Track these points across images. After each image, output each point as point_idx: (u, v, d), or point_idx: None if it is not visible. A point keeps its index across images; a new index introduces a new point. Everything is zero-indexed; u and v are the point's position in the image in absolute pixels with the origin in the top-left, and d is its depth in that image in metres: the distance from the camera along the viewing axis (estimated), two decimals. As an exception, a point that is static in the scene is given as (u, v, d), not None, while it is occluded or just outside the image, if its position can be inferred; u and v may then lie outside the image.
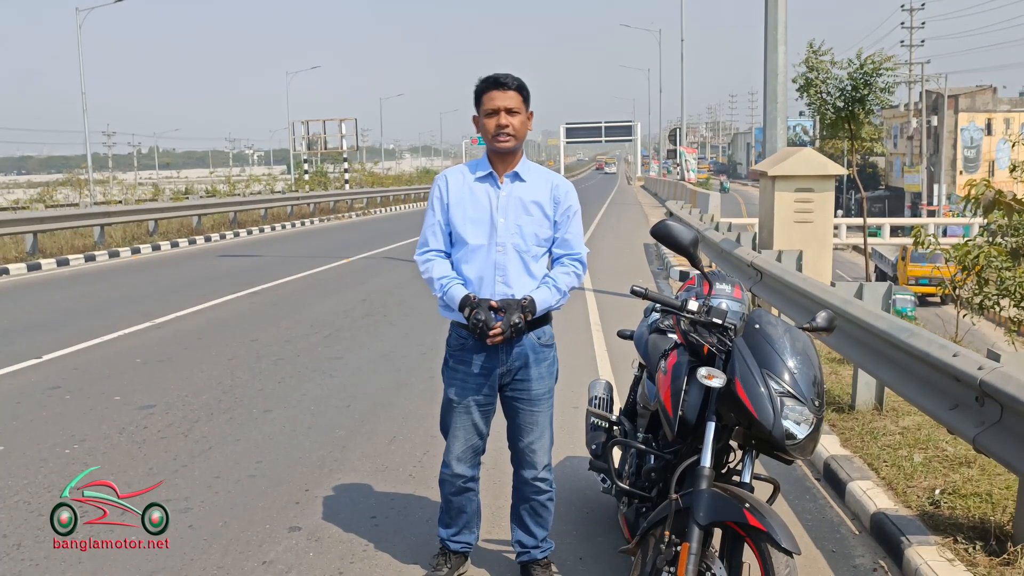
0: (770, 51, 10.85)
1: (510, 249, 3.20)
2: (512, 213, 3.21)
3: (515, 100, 3.14)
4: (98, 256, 16.60)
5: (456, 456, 3.36)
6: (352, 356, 7.64)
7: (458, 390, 3.31)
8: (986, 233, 9.39)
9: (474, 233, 3.21)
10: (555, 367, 3.41)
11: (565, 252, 3.31)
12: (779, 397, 2.69)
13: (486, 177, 3.25)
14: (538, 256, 3.26)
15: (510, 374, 3.29)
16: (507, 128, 3.14)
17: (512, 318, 3.10)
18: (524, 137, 3.22)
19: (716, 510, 2.66)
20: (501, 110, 3.13)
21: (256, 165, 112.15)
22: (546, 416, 3.37)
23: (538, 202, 3.23)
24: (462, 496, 3.42)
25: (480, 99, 3.18)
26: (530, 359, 3.28)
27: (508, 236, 3.20)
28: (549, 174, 3.33)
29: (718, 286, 3.16)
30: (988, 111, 48.72)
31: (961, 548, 3.57)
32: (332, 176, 45.72)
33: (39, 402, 6.17)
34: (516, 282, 3.20)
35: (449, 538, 3.51)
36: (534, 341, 3.28)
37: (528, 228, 3.21)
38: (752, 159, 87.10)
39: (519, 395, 3.32)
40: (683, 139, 50.69)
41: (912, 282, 26.70)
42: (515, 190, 3.23)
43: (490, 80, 3.16)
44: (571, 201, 3.29)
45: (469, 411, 3.32)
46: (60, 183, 34.57)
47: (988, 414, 3.57)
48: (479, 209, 3.22)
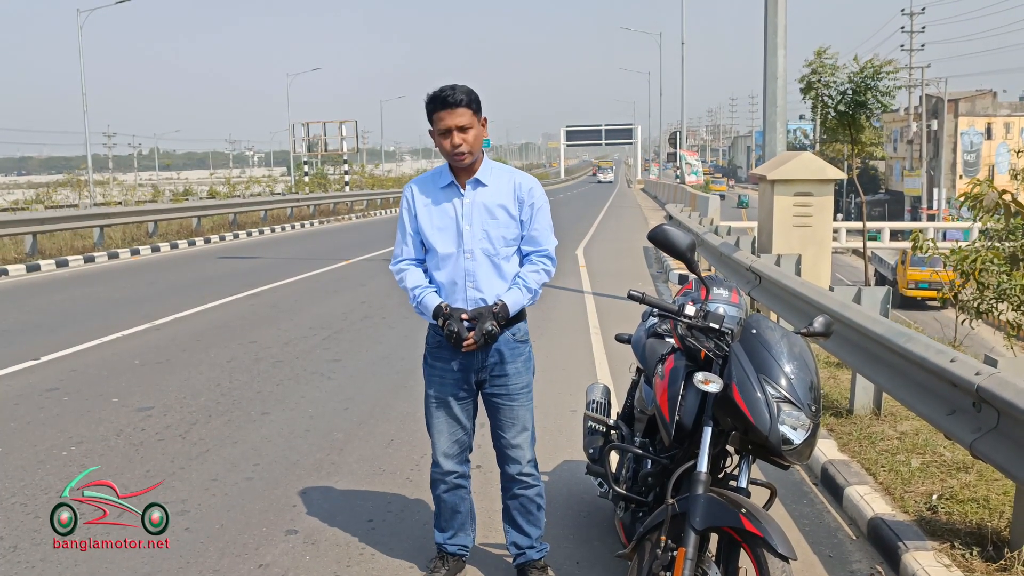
0: (770, 55, 10.84)
1: (479, 254, 3.26)
2: (477, 219, 3.26)
3: (465, 116, 3.16)
4: (97, 257, 16.59)
5: (443, 452, 3.41)
6: (351, 358, 7.64)
7: (437, 387, 3.39)
8: (984, 237, 9.39)
9: (442, 241, 3.28)
10: (531, 362, 3.45)
11: (533, 249, 3.35)
12: (776, 402, 2.69)
13: (449, 186, 3.30)
14: (508, 256, 3.31)
15: (487, 370, 3.34)
16: (461, 147, 3.18)
17: (485, 326, 3.18)
18: (480, 146, 3.25)
19: (712, 515, 2.65)
20: (453, 129, 3.16)
21: (256, 167, 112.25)
22: (526, 411, 3.42)
23: (502, 205, 3.28)
24: (454, 494, 3.46)
25: (431, 118, 3.20)
26: (506, 355, 3.33)
27: (475, 242, 3.26)
28: (511, 173, 3.36)
29: (715, 291, 3.16)
30: (988, 115, 48.71)
31: (958, 554, 3.57)
32: (332, 178, 45.72)
33: (37, 404, 6.17)
34: (487, 286, 3.27)
35: (445, 542, 3.53)
36: (508, 338, 3.33)
37: (495, 232, 3.27)
38: (752, 162, 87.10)
39: (498, 391, 3.37)
40: (683, 142, 50.72)
41: (912, 286, 26.65)
42: (478, 196, 3.28)
43: (438, 100, 3.15)
44: (535, 197, 3.33)
45: (449, 406, 3.38)
46: (60, 184, 34.53)
47: (985, 420, 3.56)
48: (445, 218, 3.29)
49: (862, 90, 14.11)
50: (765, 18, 10.90)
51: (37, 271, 14.90)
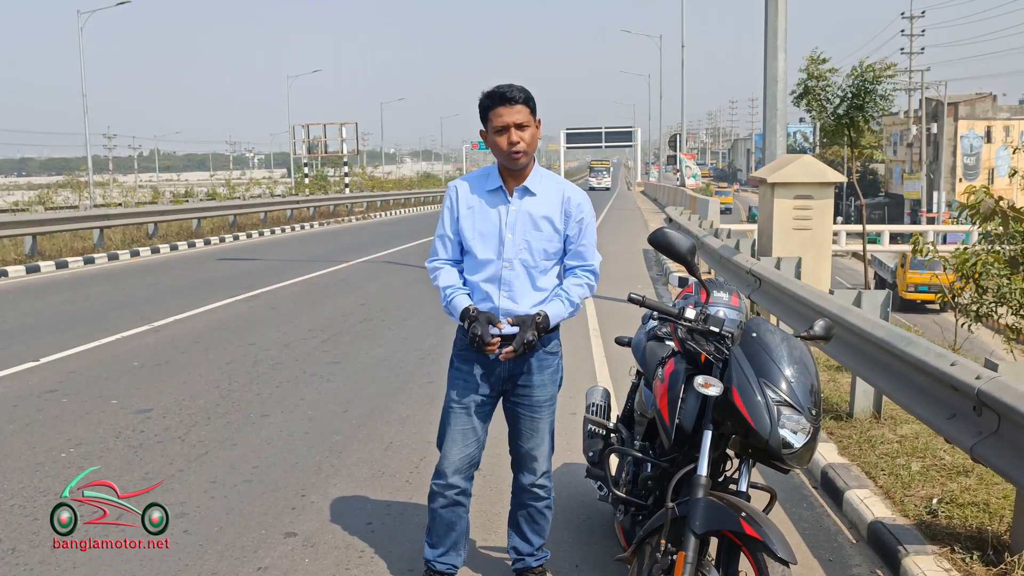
0: (770, 58, 10.86)
1: (517, 264, 3.17)
2: (520, 229, 3.17)
3: (523, 114, 3.07)
4: (97, 259, 16.59)
5: (451, 463, 3.29)
6: (350, 360, 7.63)
7: (460, 390, 3.29)
8: (984, 241, 9.39)
9: (482, 247, 3.18)
10: (559, 374, 3.39)
11: (578, 263, 3.27)
12: (776, 406, 2.68)
13: (496, 191, 3.20)
14: (546, 270, 3.23)
15: (512, 379, 3.27)
16: (519, 145, 3.08)
17: (527, 335, 3.08)
18: (535, 149, 3.16)
19: (712, 519, 2.65)
20: (511, 126, 3.06)
21: (256, 168, 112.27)
22: (547, 423, 3.36)
23: (548, 217, 3.18)
24: (452, 511, 3.34)
25: (487, 115, 3.11)
26: (534, 365, 3.27)
27: (515, 252, 3.16)
28: (561, 185, 3.25)
29: (715, 294, 3.16)
30: (988, 119, 48.75)
31: (958, 558, 3.56)
32: (332, 180, 45.72)
33: (36, 405, 6.16)
34: (521, 297, 3.18)
35: (435, 559, 3.40)
36: (539, 349, 3.26)
37: (537, 244, 3.18)
38: (752, 165, 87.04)
39: (521, 400, 3.30)
40: (683, 145, 50.70)
41: (911, 289, 26.67)
42: (524, 205, 3.18)
43: (496, 96, 3.07)
44: (584, 213, 3.24)
45: (469, 411, 3.28)
46: (60, 185, 34.55)
47: (986, 424, 3.56)
48: (488, 223, 3.18)
49: (861, 94, 14.12)
50: (765, 22, 10.91)
51: (37, 272, 14.89)
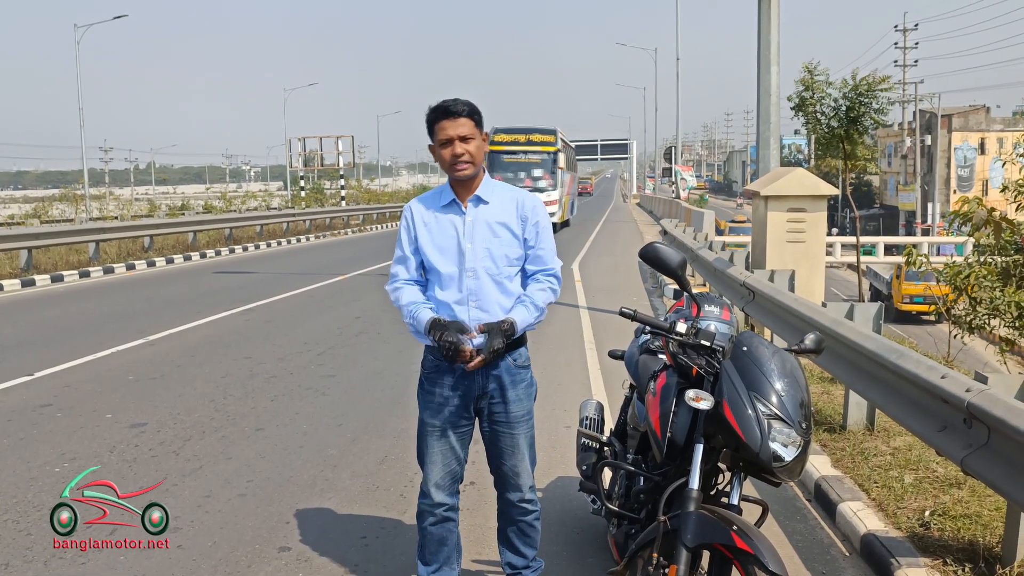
0: (763, 71, 10.92)
1: (481, 273, 3.19)
2: (480, 237, 3.20)
3: (467, 126, 3.13)
4: (93, 272, 16.57)
5: (435, 483, 3.28)
6: (345, 374, 7.63)
7: (433, 413, 3.27)
8: (977, 253, 9.44)
9: (443, 261, 3.20)
10: (533, 388, 3.37)
11: (539, 268, 3.29)
12: (766, 419, 2.70)
13: (450, 205, 3.24)
14: (511, 276, 3.25)
15: (486, 398, 3.26)
16: (463, 156, 3.13)
17: (495, 342, 3.08)
18: (481, 160, 3.21)
19: (704, 532, 2.66)
20: (455, 139, 3.12)
21: (253, 181, 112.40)
22: (526, 438, 3.34)
23: (504, 223, 3.22)
24: (442, 527, 3.33)
25: (432, 129, 3.17)
26: (506, 381, 3.25)
27: (477, 261, 3.18)
28: (513, 191, 3.30)
29: (707, 308, 3.18)
30: (981, 131, 48.99)
31: (950, 570, 3.58)
32: (328, 193, 45.77)
33: (30, 420, 6.15)
34: (490, 305, 3.19)
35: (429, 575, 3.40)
36: (509, 364, 3.24)
37: (497, 250, 3.20)
38: (747, 177, 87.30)
39: (497, 418, 3.28)
40: (678, 157, 50.83)
41: (907, 300, 26.73)
42: (480, 214, 3.22)
43: (440, 109, 3.14)
44: (538, 215, 3.27)
45: (445, 434, 3.27)
46: (56, 198, 34.57)
47: (976, 436, 3.58)
48: (445, 237, 3.21)
49: (856, 106, 14.20)
50: (758, 35, 10.98)
51: (32, 286, 14.87)
